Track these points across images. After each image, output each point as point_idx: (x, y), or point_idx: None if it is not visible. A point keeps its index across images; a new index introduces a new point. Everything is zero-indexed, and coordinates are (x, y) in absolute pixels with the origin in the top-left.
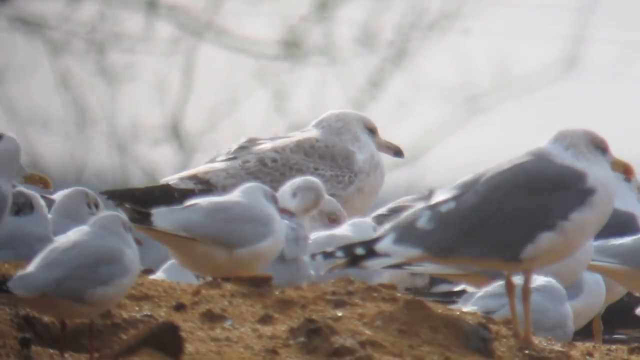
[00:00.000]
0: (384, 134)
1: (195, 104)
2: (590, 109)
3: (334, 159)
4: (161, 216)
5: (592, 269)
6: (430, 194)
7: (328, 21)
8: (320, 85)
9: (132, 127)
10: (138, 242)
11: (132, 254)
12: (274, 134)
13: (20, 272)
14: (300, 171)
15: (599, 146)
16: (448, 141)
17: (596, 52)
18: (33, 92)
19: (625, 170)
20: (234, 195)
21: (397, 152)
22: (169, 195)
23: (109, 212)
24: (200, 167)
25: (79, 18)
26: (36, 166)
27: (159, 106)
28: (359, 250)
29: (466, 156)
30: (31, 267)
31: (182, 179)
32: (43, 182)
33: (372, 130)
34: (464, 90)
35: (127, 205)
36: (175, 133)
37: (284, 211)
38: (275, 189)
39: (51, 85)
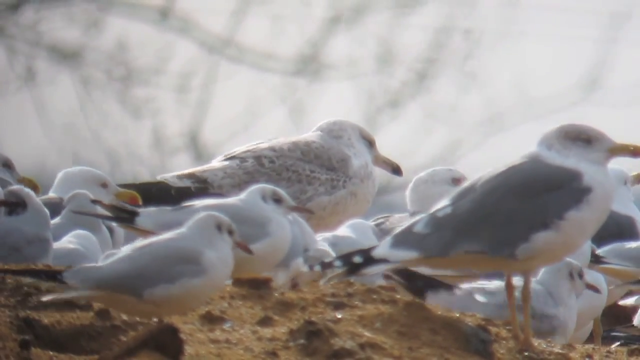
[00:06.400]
0: (400, 153)
1: (214, 115)
2: (610, 132)
3: (329, 161)
4: (146, 216)
5: (606, 271)
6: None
7: (348, 37)
8: (338, 101)
9: (152, 136)
10: (247, 250)
11: (214, 256)
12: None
13: (81, 265)
14: (296, 173)
15: (578, 138)
16: (466, 161)
17: (617, 76)
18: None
19: (635, 153)
20: (233, 198)
21: (395, 170)
22: (166, 193)
23: (205, 213)
24: (198, 167)
25: (100, 47)
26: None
27: (179, 117)
28: (357, 259)
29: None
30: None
31: (179, 177)
32: (32, 185)
33: (369, 142)
34: (484, 111)
35: (114, 204)
36: (194, 143)
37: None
38: None
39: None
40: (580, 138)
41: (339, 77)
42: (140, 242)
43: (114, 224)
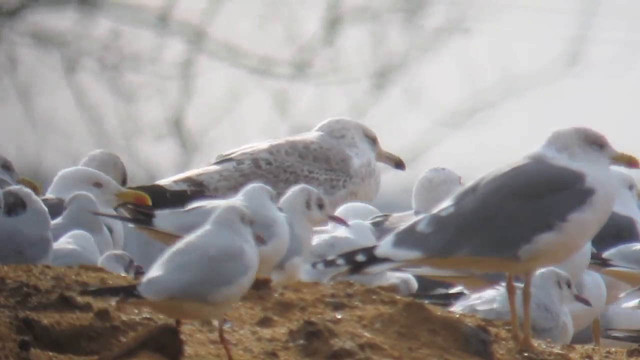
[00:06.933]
0: (385, 138)
1: (198, 102)
2: (592, 105)
3: (328, 162)
4: (163, 218)
5: (612, 274)
6: None
7: (337, 40)
8: (324, 88)
9: (135, 123)
10: (260, 241)
11: (250, 250)
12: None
13: (148, 277)
14: (294, 174)
15: (595, 142)
16: (451, 139)
17: (597, 51)
18: (50, 102)
19: (629, 163)
20: (238, 199)
21: (398, 164)
22: (161, 197)
23: (228, 205)
24: (194, 170)
25: (92, 35)
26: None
27: (162, 103)
28: (360, 257)
29: (468, 153)
30: (157, 271)
31: (176, 182)
32: (32, 187)
33: (372, 140)
34: (467, 89)
35: (130, 206)
36: (178, 130)
37: (338, 220)
38: None
39: (67, 96)
40: (597, 143)
41: (326, 78)
42: (183, 245)
43: (129, 225)
